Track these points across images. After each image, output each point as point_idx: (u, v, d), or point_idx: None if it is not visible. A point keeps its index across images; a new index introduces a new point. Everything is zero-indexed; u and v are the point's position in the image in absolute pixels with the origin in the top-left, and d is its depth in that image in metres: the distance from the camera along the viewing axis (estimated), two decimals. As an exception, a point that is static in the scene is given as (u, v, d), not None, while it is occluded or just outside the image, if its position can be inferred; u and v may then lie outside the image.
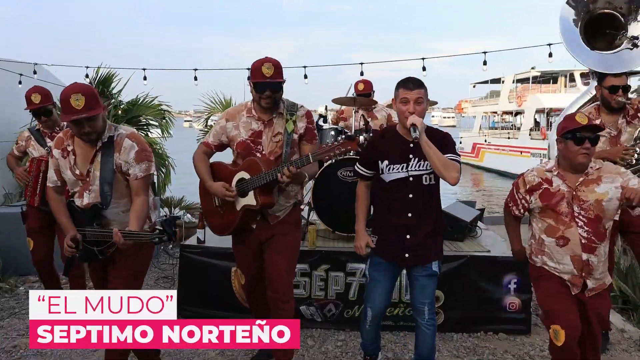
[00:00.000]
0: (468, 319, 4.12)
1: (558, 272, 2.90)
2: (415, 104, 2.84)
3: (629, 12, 3.75)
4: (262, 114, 3.16)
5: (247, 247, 3.31)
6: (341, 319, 4.17)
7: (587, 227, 2.83)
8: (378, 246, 3.08)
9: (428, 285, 3.04)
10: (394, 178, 2.95)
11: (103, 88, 7.97)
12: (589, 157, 2.83)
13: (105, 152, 2.78)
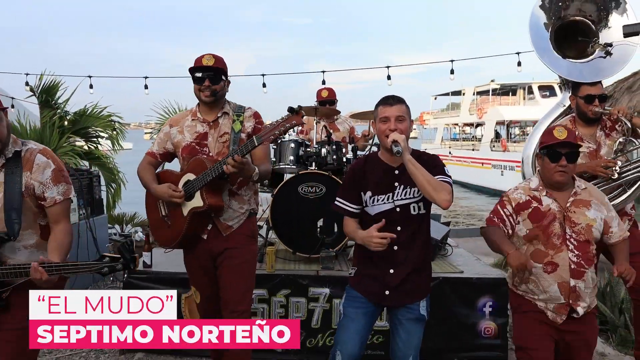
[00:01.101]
0: (442, 346, 3.80)
1: (542, 301, 2.65)
2: (397, 122, 2.52)
3: (599, 20, 3.56)
4: (206, 115, 3.01)
5: (199, 261, 3.03)
6: (304, 349, 3.78)
7: (577, 251, 2.61)
8: (355, 279, 2.71)
9: (414, 332, 2.63)
10: (379, 211, 2.59)
11: (47, 97, 7.46)
12: (566, 174, 2.62)
13: (10, 171, 2.27)
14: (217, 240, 2.96)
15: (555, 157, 2.59)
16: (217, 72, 2.93)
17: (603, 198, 2.78)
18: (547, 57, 3.56)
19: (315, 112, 4.60)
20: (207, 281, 3.05)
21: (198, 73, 2.93)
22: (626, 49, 3.52)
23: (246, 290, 3.03)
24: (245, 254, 3.02)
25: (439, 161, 2.63)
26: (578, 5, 3.54)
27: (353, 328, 2.64)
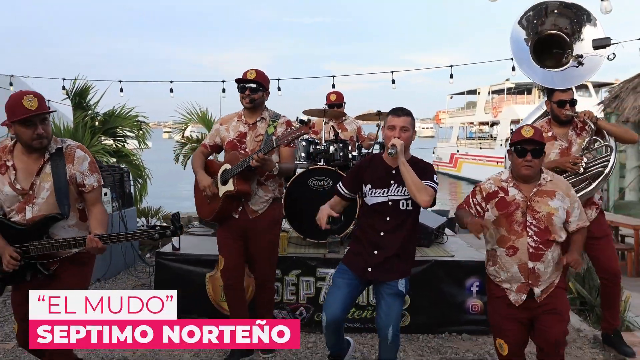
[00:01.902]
0: (433, 321, 4.31)
1: (506, 281, 3.02)
2: (401, 131, 3.05)
3: (572, 32, 4.00)
4: (248, 118, 3.73)
5: (230, 234, 3.73)
6: (312, 322, 4.33)
7: (536, 237, 2.96)
8: (346, 256, 3.27)
9: (393, 306, 3.12)
10: (375, 202, 3.12)
11: (80, 99, 8.07)
12: (532, 169, 2.97)
13: (56, 164, 2.74)
14: (245, 220, 3.67)
15: (522, 153, 2.96)
16: (257, 84, 3.62)
17: (568, 190, 3.12)
18: (525, 66, 4.03)
19: (324, 114, 5.12)
20: (234, 252, 3.73)
21: (242, 84, 3.63)
22: (595, 60, 3.97)
23: (271, 267, 3.89)
24: (269, 235, 3.76)
25: (431, 169, 3.16)
26: (552, 20, 4.00)
27: (338, 294, 3.16)
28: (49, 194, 2.72)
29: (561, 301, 3.07)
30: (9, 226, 2.73)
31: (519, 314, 3.03)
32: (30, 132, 2.63)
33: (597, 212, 3.82)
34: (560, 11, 3.97)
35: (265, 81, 3.71)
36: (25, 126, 2.63)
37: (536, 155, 2.97)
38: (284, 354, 3.92)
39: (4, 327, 4.47)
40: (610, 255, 3.83)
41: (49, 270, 2.76)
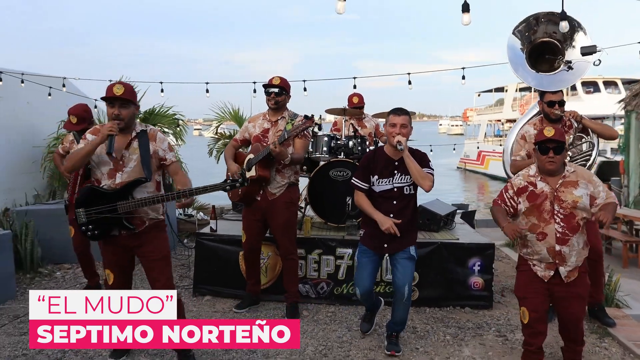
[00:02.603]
0: (438, 296, 4.86)
1: (537, 260, 3.46)
2: (401, 127, 3.65)
3: (564, 39, 4.49)
4: (271, 117, 4.52)
5: (253, 213, 4.53)
6: (332, 295, 4.93)
7: (562, 223, 3.37)
8: (364, 238, 3.88)
9: (408, 267, 3.76)
10: (382, 189, 3.75)
11: (124, 99, 8.79)
12: (555, 164, 3.37)
13: (142, 141, 3.39)
14: (265, 201, 4.44)
15: (545, 150, 3.38)
16: (281, 89, 4.43)
17: (590, 177, 3.47)
18: (520, 71, 4.54)
19: (344, 112, 5.70)
20: (254, 229, 4.55)
21: (268, 88, 4.43)
22: (583, 65, 4.46)
23: (291, 241, 4.58)
24: (286, 214, 4.49)
25: (426, 158, 3.78)
26: (544, 28, 4.49)
27: (364, 271, 3.85)
28: (136, 164, 3.37)
29: (583, 283, 3.49)
30: (100, 191, 3.37)
31: (544, 288, 3.45)
32: (110, 111, 3.31)
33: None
34: (550, 19, 4.45)
35: (287, 86, 4.50)
36: (109, 105, 3.33)
37: (558, 152, 3.37)
38: (306, 321, 4.51)
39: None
40: (595, 237, 4.32)
41: (132, 225, 3.38)
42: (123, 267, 3.58)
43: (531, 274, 3.47)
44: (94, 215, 3.35)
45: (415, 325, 4.46)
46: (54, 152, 7.95)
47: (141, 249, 3.46)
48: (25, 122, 8.39)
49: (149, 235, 3.46)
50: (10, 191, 7.89)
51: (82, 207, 3.38)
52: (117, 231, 3.41)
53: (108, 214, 3.33)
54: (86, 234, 3.42)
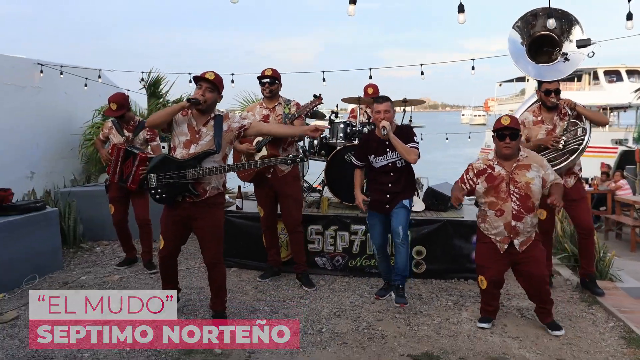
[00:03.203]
0: (444, 268, 5.31)
1: (493, 234, 3.99)
2: (385, 113, 4.35)
3: (561, 33, 4.86)
4: (268, 104, 5.02)
5: (265, 191, 5.07)
6: (346, 267, 5.41)
7: (518, 202, 3.88)
8: (370, 205, 4.55)
9: (401, 213, 4.46)
10: (380, 165, 4.46)
11: (154, 89, 9.37)
12: (510, 149, 3.88)
13: (218, 121, 3.90)
14: (275, 178, 4.96)
15: (502, 137, 3.91)
16: (273, 79, 4.92)
17: (542, 161, 4.01)
18: (520, 63, 4.93)
19: (359, 101, 6.14)
20: (269, 203, 5.11)
21: (262, 79, 4.92)
22: (578, 56, 4.84)
23: (297, 213, 5.11)
24: (294, 188, 5.06)
25: (412, 132, 4.47)
26: (542, 22, 4.87)
27: (375, 231, 4.60)
28: (209, 139, 3.87)
29: (537, 248, 4.01)
30: (172, 159, 3.88)
31: (501, 258, 4.00)
32: (198, 91, 3.82)
33: (575, 179, 4.72)
34: (547, 13, 4.82)
35: (278, 76, 4.96)
36: (198, 86, 3.85)
37: (513, 138, 3.89)
38: (323, 290, 4.99)
39: (106, 267, 5.75)
40: (585, 213, 4.74)
41: (197, 191, 3.84)
42: (177, 236, 4.05)
43: (491, 246, 4.01)
44: (164, 180, 3.85)
45: (421, 293, 4.92)
46: (90, 139, 8.58)
47: (198, 220, 3.92)
48: (63, 111, 9.00)
49: (208, 207, 3.93)
50: (50, 175, 8.53)
51: (153, 173, 3.89)
52: (182, 197, 3.88)
53: (177, 180, 3.81)
54: (154, 197, 3.92)
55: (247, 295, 4.84)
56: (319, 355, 3.61)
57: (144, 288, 5.03)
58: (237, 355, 3.59)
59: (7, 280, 4.94)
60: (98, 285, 5.11)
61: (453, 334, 3.99)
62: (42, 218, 5.45)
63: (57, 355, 3.57)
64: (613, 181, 12.24)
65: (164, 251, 4.05)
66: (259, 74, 4.94)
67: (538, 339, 3.90)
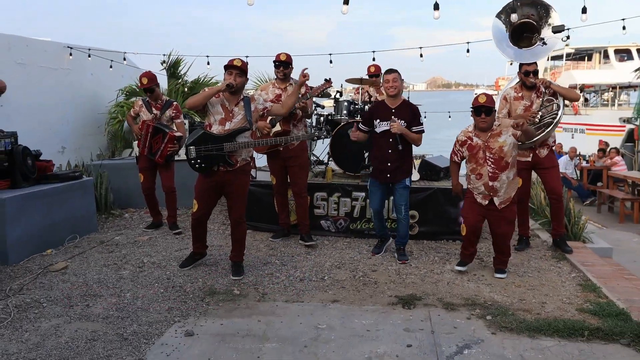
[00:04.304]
0: (435, 231, 5.99)
1: (477, 193, 4.71)
2: (393, 81, 4.93)
3: (540, 19, 5.45)
4: (280, 84, 5.63)
5: (277, 162, 5.73)
6: (348, 229, 6.11)
7: (493, 165, 4.60)
8: (372, 172, 5.17)
9: (403, 194, 5.09)
10: (382, 130, 5.00)
11: (173, 70, 10.05)
12: (486, 123, 4.56)
13: (246, 103, 4.59)
14: (287, 150, 5.61)
15: (479, 113, 4.57)
16: (287, 63, 5.54)
17: (509, 123, 4.67)
18: (501, 47, 5.53)
19: (361, 82, 6.78)
20: (280, 172, 5.70)
21: (277, 63, 5.51)
22: (554, 41, 5.44)
23: (303, 181, 5.70)
24: (302, 159, 5.69)
25: (418, 113, 5.04)
26: (521, 12, 5.47)
27: (375, 196, 5.18)
28: (241, 117, 4.56)
29: (511, 211, 4.76)
30: (210, 134, 4.53)
31: (481, 211, 4.75)
32: (229, 77, 4.47)
33: (547, 150, 5.35)
34: (524, 3, 5.42)
35: (291, 60, 5.57)
36: (228, 72, 4.50)
37: (488, 114, 4.55)
38: (326, 248, 5.70)
39: (135, 230, 6.50)
40: (556, 180, 5.38)
41: (232, 162, 4.54)
42: (210, 199, 4.73)
43: (473, 201, 4.76)
44: (202, 153, 4.52)
45: (413, 251, 5.61)
46: (115, 118, 9.30)
47: (230, 185, 4.62)
48: (90, 91, 9.72)
49: (238, 174, 4.64)
50: (78, 150, 9.27)
51: (193, 146, 4.55)
52: (218, 167, 4.56)
53: (215, 152, 4.49)
54: (194, 166, 4.58)
55: (260, 252, 5.57)
56: (320, 296, 4.34)
57: (169, 246, 5.76)
58: (252, 295, 4.35)
59: (53, 238, 5.70)
60: (130, 244, 5.86)
61: (435, 281, 4.69)
62: (80, 186, 6.19)
63: (104, 294, 4.36)
64: (609, 158, 12.78)
65: (197, 213, 4.73)
66: (274, 58, 5.51)
67: (507, 286, 4.58)
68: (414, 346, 3.47)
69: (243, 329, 3.73)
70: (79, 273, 4.89)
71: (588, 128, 26.27)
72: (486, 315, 3.92)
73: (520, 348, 3.43)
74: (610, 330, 3.60)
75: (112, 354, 3.36)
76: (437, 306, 4.12)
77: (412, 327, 3.76)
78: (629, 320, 3.75)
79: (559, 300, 4.25)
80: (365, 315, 3.95)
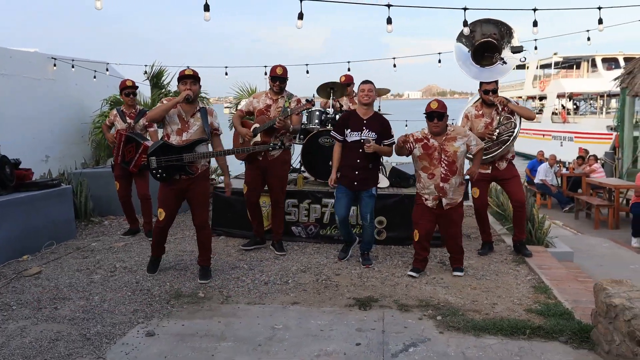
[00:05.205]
0: (402, 236, 6.16)
1: (426, 194, 4.91)
2: (368, 92, 5.13)
3: (501, 38, 5.64)
4: (273, 95, 5.72)
5: (256, 170, 5.73)
6: (318, 235, 6.29)
7: (446, 167, 4.82)
8: (340, 178, 5.30)
9: (369, 202, 5.25)
10: (353, 140, 5.17)
11: (156, 80, 10.24)
12: (438, 128, 4.79)
13: (202, 113, 4.73)
14: (266, 161, 5.61)
15: (431, 118, 4.80)
16: (283, 78, 5.63)
17: (464, 131, 4.93)
18: (463, 66, 5.69)
19: (332, 91, 6.98)
20: (255, 181, 5.72)
21: (274, 76, 5.58)
22: (513, 60, 5.64)
23: (282, 192, 5.80)
24: (281, 171, 5.74)
25: (388, 126, 5.24)
26: (480, 31, 5.66)
27: (341, 203, 5.30)
28: (198, 128, 4.72)
29: (458, 213, 5.00)
30: (170, 145, 4.68)
31: (431, 215, 4.96)
32: (183, 87, 4.62)
33: (506, 162, 5.57)
34: (483, 22, 5.62)
35: (287, 75, 5.66)
36: (182, 83, 4.64)
37: (440, 119, 4.78)
38: (296, 253, 5.87)
39: (112, 237, 6.66)
40: (517, 189, 5.58)
41: (192, 171, 4.72)
42: (173, 207, 4.88)
43: (423, 206, 4.96)
44: (163, 163, 4.68)
45: (378, 255, 5.79)
46: (99, 127, 9.50)
47: (191, 191, 4.79)
48: (75, 101, 9.91)
49: (199, 180, 4.81)
50: (63, 159, 9.44)
51: (154, 156, 4.70)
52: (179, 175, 4.72)
53: (175, 162, 4.65)
54: (156, 176, 4.74)
55: (230, 257, 5.74)
56: (282, 298, 4.50)
57: (143, 251, 5.92)
58: (216, 298, 4.52)
59: (30, 245, 5.86)
60: (106, 250, 6.02)
61: (394, 284, 4.86)
62: (58, 193, 6.35)
63: (74, 298, 4.52)
64: (587, 165, 13.01)
65: (163, 221, 4.90)
66: (270, 72, 5.63)
67: (464, 288, 4.75)
68: (362, 345, 3.64)
69: (203, 330, 3.89)
70: (52, 278, 5.05)
71: (576, 136, 26.55)
72: (437, 315, 4.09)
73: (463, 346, 3.60)
74: (551, 329, 3.77)
75: (73, 353, 3.52)
76: (392, 307, 4.29)
77: (364, 327, 3.93)
78: (571, 319, 3.93)
79: (509, 301, 4.43)
80: (321, 317, 4.12)
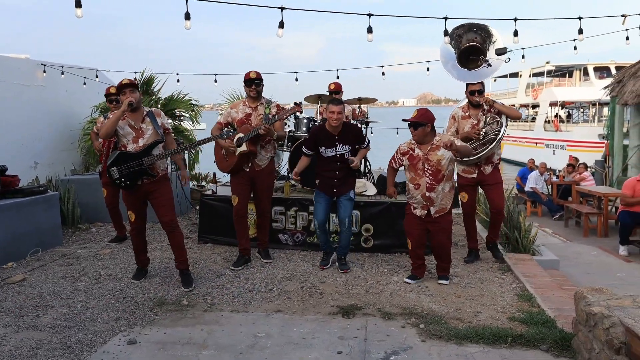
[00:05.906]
0: (388, 244, 6.17)
1: (414, 203, 4.95)
2: (338, 114, 5.13)
3: (484, 41, 5.69)
4: (251, 103, 5.53)
5: (242, 181, 5.56)
6: (305, 242, 6.29)
7: (431, 177, 4.84)
8: (320, 185, 5.35)
9: (347, 206, 5.33)
10: (329, 156, 5.24)
11: (147, 87, 10.23)
12: (417, 136, 4.84)
13: (151, 117, 4.81)
14: (253, 172, 5.54)
15: (409, 126, 4.87)
16: (259, 81, 5.47)
17: (449, 138, 4.89)
18: (449, 68, 5.74)
19: (319, 99, 7.01)
20: (243, 192, 5.59)
21: (250, 80, 5.41)
22: (498, 62, 5.68)
23: (269, 202, 5.77)
24: (268, 181, 5.69)
25: (361, 133, 5.36)
26: (466, 37, 5.71)
27: (320, 208, 5.33)
28: (151, 132, 4.77)
29: (446, 221, 5.03)
30: (129, 153, 4.72)
31: (421, 223, 4.98)
32: (123, 97, 4.66)
33: (492, 167, 5.59)
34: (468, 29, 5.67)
35: (262, 79, 5.54)
36: (122, 93, 4.68)
37: (416, 128, 4.84)
38: (282, 261, 5.86)
39: (99, 243, 6.64)
40: (498, 196, 5.61)
41: (154, 173, 4.76)
42: (141, 209, 4.96)
43: (413, 215, 4.99)
44: (124, 171, 4.71)
45: (364, 263, 5.79)
46: (88, 134, 9.48)
47: (154, 193, 4.83)
48: (65, 107, 9.89)
49: (161, 183, 4.86)
50: (52, 165, 9.41)
51: (114, 167, 4.74)
52: (142, 180, 4.76)
53: (136, 168, 4.68)
54: (120, 185, 4.78)
55: (216, 264, 5.73)
56: (266, 306, 4.50)
57: (129, 259, 5.89)
58: (200, 305, 4.51)
59: (15, 251, 5.84)
60: (91, 257, 6.00)
61: (379, 292, 4.86)
62: (45, 200, 6.33)
63: (56, 305, 4.50)
64: (577, 173, 13.06)
65: (135, 222, 4.97)
66: (244, 77, 5.42)
67: (448, 296, 4.76)
68: (344, 353, 3.63)
69: (185, 338, 3.88)
70: (35, 285, 5.02)
71: (569, 144, 26.70)
72: (420, 324, 4.09)
73: (444, 354, 3.61)
74: (532, 337, 3.78)
75: (53, 361, 3.50)
76: (376, 315, 4.29)
77: (347, 335, 3.92)
78: (553, 327, 3.93)
79: (493, 309, 4.43)
80: (304, 324, 4.12)
